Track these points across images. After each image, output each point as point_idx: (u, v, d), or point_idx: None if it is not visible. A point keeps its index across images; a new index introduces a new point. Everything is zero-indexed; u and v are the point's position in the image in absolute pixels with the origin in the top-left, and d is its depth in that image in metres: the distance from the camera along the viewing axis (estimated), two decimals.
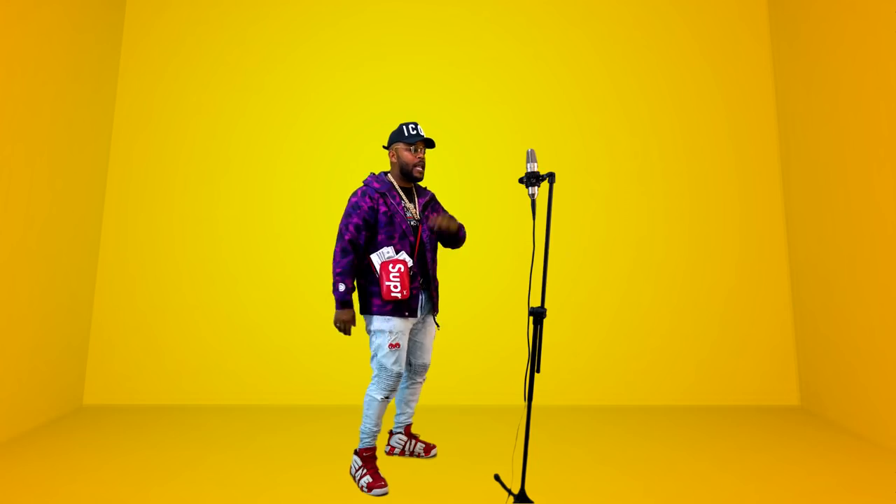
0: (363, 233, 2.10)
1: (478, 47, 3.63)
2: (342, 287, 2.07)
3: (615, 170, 3.54)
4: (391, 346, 2.10)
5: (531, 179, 1.86)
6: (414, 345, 2.33)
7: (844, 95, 2.88)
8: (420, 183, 2.45)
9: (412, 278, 2.16)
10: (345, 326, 2.09)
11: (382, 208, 2.13)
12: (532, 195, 1.87)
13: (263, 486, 2.05)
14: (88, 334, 3.28)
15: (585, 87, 3.61)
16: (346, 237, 2.09)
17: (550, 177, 1.84)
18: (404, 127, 2.21)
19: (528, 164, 1.88)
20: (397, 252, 2.11)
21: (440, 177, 3.48)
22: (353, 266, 2.09)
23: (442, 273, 3.13)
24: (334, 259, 2.11)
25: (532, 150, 1.89)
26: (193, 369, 3.31)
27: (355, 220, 2.09)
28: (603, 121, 3.58)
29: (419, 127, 2.21)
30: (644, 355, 3.39)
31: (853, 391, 2.81)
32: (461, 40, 3.63)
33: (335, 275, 2.08)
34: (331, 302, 3.29)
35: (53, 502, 1.89)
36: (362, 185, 2.21)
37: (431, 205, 2.33)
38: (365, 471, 2.04)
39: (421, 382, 2.42)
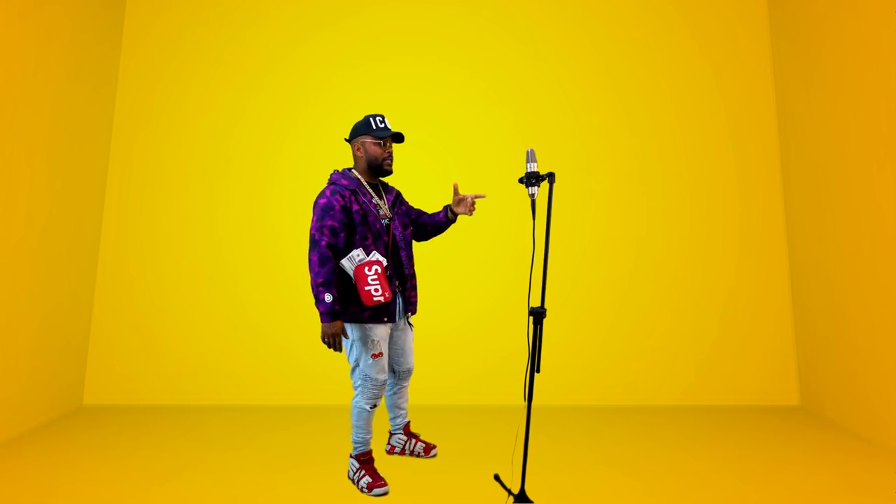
0: (341, 235, 1.94)
1: (478, 47, 3.63)
2: (328, 298, 1.87)
3: (615, 170, 3.54)
4: (374, 355, 2.00)
5: (531, 179, 1.86)
6: (395, 351, 2.24)
7: (844, 95, 2.88)
8: (384, 179, 2.28)
9: (390, 279, 2.03)
10: (334, 341, 1.91)
11: (355, 206, 1.98)
12: (532, 195, 1.86)
13: (263, 486, 2.05)
14: (88, 334, 3.28)
15: (585, 87, 3.61)
16: (323, 242, 1.90)
17: (550, 177, 1.83)
18: (371, 119, 2.08)
19: (528, 164, 1.88)
20: (368, 253, 1.97)
21: (440, 177, 3.48)
22: (334, 273, 1.91)
23: (441, 272, 3.13)
24: (311, 269, 1.89)
25: (532, 150, 1.89)
26: (193, 369, 3.31)
27: (329, 222, 1.93)
28: (603, 121, 3.58)
29: (386, 119, 2.12)
30: (644, 355, 3.39)
31: (853, 391, 2.80)
32: (461, 40, 3.63)
33: (317, 286, 1.88)
34: None
35: (53, 502, 1.89)
36: (328, 183, 2.06)
37: (398, 202, 2.21)
38: (364, 472, 2.03)
39: (406, 385, 2.36)
